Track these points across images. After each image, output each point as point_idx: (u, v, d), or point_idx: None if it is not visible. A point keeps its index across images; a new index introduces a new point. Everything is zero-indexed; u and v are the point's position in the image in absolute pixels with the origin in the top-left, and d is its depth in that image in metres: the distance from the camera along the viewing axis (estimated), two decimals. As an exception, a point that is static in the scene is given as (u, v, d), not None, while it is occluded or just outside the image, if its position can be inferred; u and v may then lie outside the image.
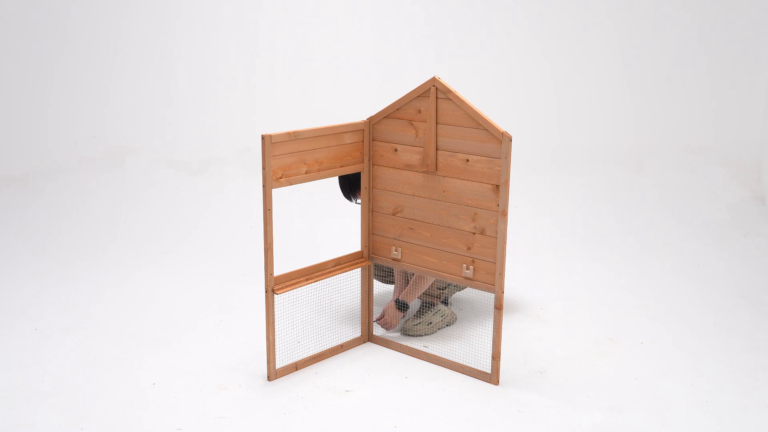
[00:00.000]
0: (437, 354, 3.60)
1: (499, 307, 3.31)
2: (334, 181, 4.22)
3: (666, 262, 4.89)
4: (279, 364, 3.47)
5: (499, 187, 3.19)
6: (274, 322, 3.35)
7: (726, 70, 6.04)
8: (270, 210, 3.21)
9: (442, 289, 3.80)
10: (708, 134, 6.11)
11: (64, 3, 5.78)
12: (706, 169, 5.96)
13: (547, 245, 5.18)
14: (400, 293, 3.79)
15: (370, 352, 3.72)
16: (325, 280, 3.60)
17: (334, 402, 3.25)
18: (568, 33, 6.06)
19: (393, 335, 3.81)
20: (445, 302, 3.88)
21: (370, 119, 3.52)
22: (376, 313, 3.89)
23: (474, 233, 3.31)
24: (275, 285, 3.33)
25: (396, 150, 3.47)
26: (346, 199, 3.71)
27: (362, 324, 3.79)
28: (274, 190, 3.22)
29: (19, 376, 3.44)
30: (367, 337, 3.82)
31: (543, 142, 6.07)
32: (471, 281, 3.36)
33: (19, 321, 4.01)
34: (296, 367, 3.52)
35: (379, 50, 6.08)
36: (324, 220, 5.47)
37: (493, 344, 3.35)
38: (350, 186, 3.70)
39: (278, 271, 3.69)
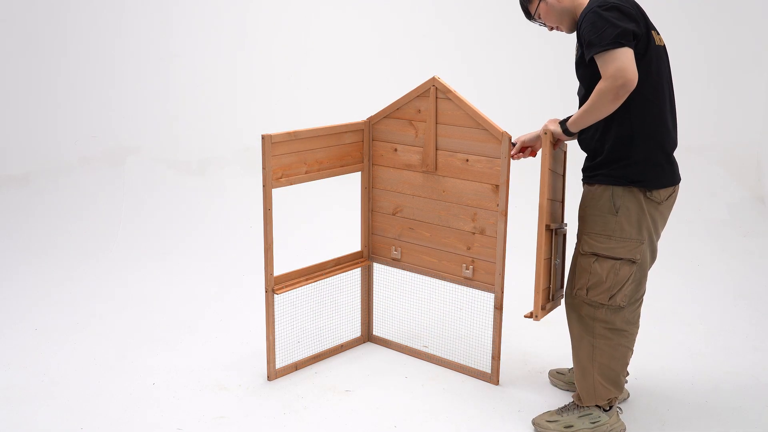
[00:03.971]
0: (437, 354, 3.60)
1: (499, 307, 3.31)
2: (334, 181, 4.22)
3: (666, 262, 4.88)
4: (279, 364, 3.47)
5: (499, 187, 3.19)
6: (274, 322, 3.35)
7: (726, 70, 6.04)
8: (270, 210, 3.20)
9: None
10: (708, 134, 6.11)
11: (64, 3, 5.78)
12: (706, 169, 5.96)
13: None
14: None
15: (370, 352, 3.72)
16: (325, 280, 3.60)
17: (334, 402, 3.25)
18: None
19: (393, 336, 3.80)
20: (609, 408, 3.01)
21: (370, 119, 3.52)
22: (378, 312, 3.88)
23: (474, 233, 3.31)
24: (275, 285, 3.33)
25: (396, 150, 3.47)
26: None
27: (362, 324, 3.79)
28: (274, 190, 3.22)
29: (19, 376, 3.44)
30: (367, 337, 3.82)
31: (543, 142, 6.06)
32: (471, 281, 3.36)
33: (19, 321, 4.01)
34: (296, 367, 3.52)
35: (379, 50, 6.08)
36: (324, 221, 5.47)
37: (493, 344, 3.35)
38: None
39: (278, 271, 3.69)
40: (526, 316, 2.95)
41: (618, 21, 2.60)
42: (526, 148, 3.14)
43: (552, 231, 2.98)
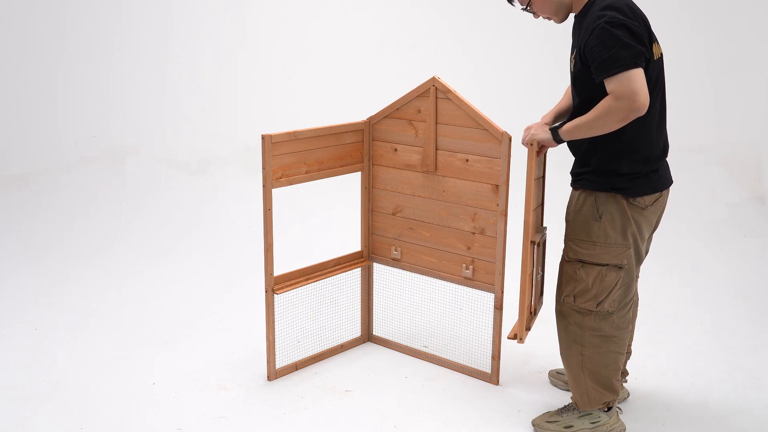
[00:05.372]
0: (437, 354, 3.60)
1: (499, 307, 3.31)
2: (334, 181, 4.22)
3: (666, 262, 4.88)
4: (279, 364, 3.47)
5: (499, 187, 3.19)
6: (274, 322, 3.35)
7: (726, 70, 6.04)
8: (270, 210, 3.20)
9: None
10: (708, 134, 6.11)
11: (63, 3, 5.78)
12: (706, 169, 5.96)
13: (546, 245, 5.17)
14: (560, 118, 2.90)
15: (370, 352, 3.72)
16: (325, 280, 3.60)
17: (334, 402, 3.25)
18: (568, 32, 6.05)
19: (393, 336, 3.80)
20: (608, 408, 3.00)
21: (370, 119, 3.52)
22: (378, 312, 3.88)
23: (474, 233, 3.31)
24: (275, 285, 3.33)
25: (396, 150, 3.47)
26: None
27: (362, 324, 3.79)
28: (274, 190, 3.22)
29: (19, 376, 3.44)
30: (367, 337, 3.82)
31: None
32: (471, 281, 3.36)
33: (19, 321, 4.01)
34: (296, 367, 3.52)
35: (379, 50, 6.08)
36: (324, 220, 5.47)
37: (493, 344, 3.35)
38: None
39: (278, 271, 3.69)
40: (509, 338, 2.93)
41: (630, 41, 2.52)
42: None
43: (535, 245, 2.95)
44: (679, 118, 6.21)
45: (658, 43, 2.74)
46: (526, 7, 2.85)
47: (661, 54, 2.77)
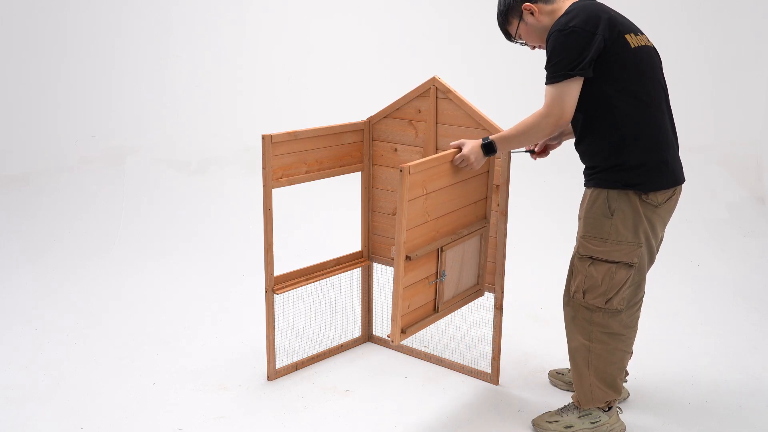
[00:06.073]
0: (437, 354, 3.60)
1: (499, 307, 3.31)
2: (334, 181, 4.22)
3: (666, 262, 4.88)
4: (279, 364, 3.47)
5: (499, 187, 3.18)
6: (274, 322, 3.35)
7: (726, 70, 6.04)
8: (270, 210, 3.21)
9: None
10: (708, 134, 6.11)
11: (64, 3, 5.78)
12: (706, 168, 5.96)
13: (547, 245, 5.18)
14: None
15: (370, 352, 3.72)
16: (325, 280, 3.61)
17: (334, 402, 3.25)
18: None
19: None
20: (608, 408, 2.99)
21: (370, 119, 3.52)
22: (378, 312, 3.88)
23: (474, 233, 3.30)
24: (275, 285, 3.33)
25: (396, 150, 3.47)
26: None
27: (362, 324, 3.80)
28: (274, 190, 3.22)
29: (19, 376, 3.44)
30: (367, 337, 3.82)
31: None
32: (471, 281, 3.36)
33: (19, 321, 4.01)
34: (296, 367, 3.52)
35: (379, 50, 6.08)
36: (324, 220, 5.47)
37: (493, 344, 3.35)
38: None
39: (278, 271, 3.69)
40: (389, 336, 2.87)
41: (573, 50, 2.60)
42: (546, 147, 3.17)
43: (439, 250, 2.93)
44: (679, 118, 6.20)
45: (640, 34, 2.77)
46: (515, 39, 2.95)
47: (647, 44, 2.78)
